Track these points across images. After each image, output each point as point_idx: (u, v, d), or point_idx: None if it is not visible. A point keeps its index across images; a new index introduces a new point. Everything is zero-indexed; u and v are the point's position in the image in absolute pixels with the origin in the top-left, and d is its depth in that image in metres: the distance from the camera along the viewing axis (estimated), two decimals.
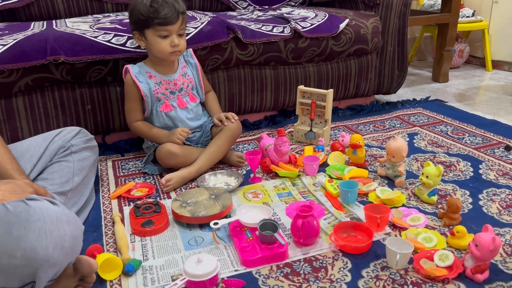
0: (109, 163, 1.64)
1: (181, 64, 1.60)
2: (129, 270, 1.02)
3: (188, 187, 1.44)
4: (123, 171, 1.58)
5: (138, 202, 1.33)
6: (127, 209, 1.31)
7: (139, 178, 1.51)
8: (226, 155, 1.57)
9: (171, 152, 1.45)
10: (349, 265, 1.03)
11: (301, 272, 1.01)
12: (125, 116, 1.57)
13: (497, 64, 3.15)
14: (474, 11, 3.10)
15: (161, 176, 1.50)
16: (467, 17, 3.03)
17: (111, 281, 1.00)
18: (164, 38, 1.44)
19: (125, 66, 1.54)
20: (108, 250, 1.12)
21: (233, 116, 1.56)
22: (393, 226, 1.18)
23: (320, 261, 1.05)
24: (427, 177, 1.27)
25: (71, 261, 0.80)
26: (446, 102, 2.34)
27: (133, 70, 1.51)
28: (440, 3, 2.82)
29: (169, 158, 1.46)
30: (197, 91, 1.63)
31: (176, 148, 1.46)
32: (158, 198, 1.38)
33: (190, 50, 1.63)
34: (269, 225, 1.08)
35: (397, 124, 1.99)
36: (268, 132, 1.87)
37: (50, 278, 0.76)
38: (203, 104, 1.67)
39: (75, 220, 0.80)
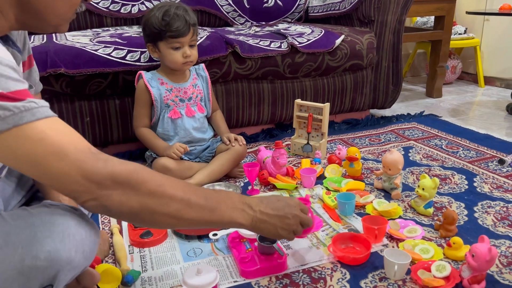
0: None
1: (193, 76, 1.65)
2: (128, 281, 1.02)
3: None
4: None
5: None
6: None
7: None
8: None
9: (166, 167, 1.46)
10: (348, 276, 1.04)
11: (300, 283, 1.02)
12: (133, 120, 1.61)
13: (489, 80, 3.21)
14: (466, 28, 3.17)
15: None
16: (459, 34, 3.10)
17: None
18: (176, 49, 1.49)
19: (139, 72, 1.58)
20: (106, 261, 1.12)
21: (242, 140, 1.60)
22: (391, 237, 1.19)
23: (319, 272, 1.06)
24: (423, 189, 1.29)
25: (86, 266, 0.81)
26: (440, 117, 2.37)
27: (146, 76, 1.56)
28: (433, 20, 2.88)
29: (165, 172, 1.47)
30: (205, 103, 1.66)
31: (172, 164, 1.48)
32: None
33: (203, 65, 1.69)
34: None
35: (392, 138, 2.01)
36: (265, 145, 1.89)
37: (67, 281, 0.77)
38: (209, 120, 1.70)
39: (94, 226, 0.83)
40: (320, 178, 1.57)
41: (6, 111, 0.61)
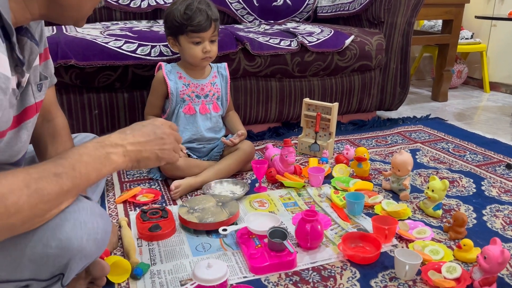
0: None
1: (213, 73, 1.63)
2: (137, 273, 1.01)
3: (194, 194, 1.44)
4: (128, 176, 1.58)
5: (144, 207, 1.33)
6: (133, 214, 1.30)
7: (144, 184, 1.51)
8: None
9: (174, 165, 1.45)
10: (358, 275, 1.04)
11: (310, 280, 1.02)
12: (145, 107, 1.61)
13: (494, 86, 3.21)
14: (473, 33, 3.17)
15: (165, 182, 1.51)
16: (466, 39, 3.10)
17: (119, 284, 1.00)
18: (196, 44, 1.48)
19: (159, 63, 1.58)
20: (115, 254, 1.11)
21: (243, 135, 1.59)
22: (400, 238, 1.19)
23: (329, 270, 1.05)
24: (432, 191, 1.28)
25: (98, 255, 0.81)
26: (446, 120, 2.37)
27: (166, 68, 1.56)
28: (441, 24, 2.88)
29: (172, 170, 1.47)
30: (222, 102, 1.65)
31: (181, 161, 1.46)
32: (164, 204, 1.38)
33: (225, 64, 1.68)
34: (279, 233, 1.08)
35: (399, 140, 2.01)
36: (272, 143, 1.88)
37: (78, 270, 0.76)
38: (223, 119, 1.69)
39: (106, 215, 0.82)
40: (328, 178, 1.56)
41: None
